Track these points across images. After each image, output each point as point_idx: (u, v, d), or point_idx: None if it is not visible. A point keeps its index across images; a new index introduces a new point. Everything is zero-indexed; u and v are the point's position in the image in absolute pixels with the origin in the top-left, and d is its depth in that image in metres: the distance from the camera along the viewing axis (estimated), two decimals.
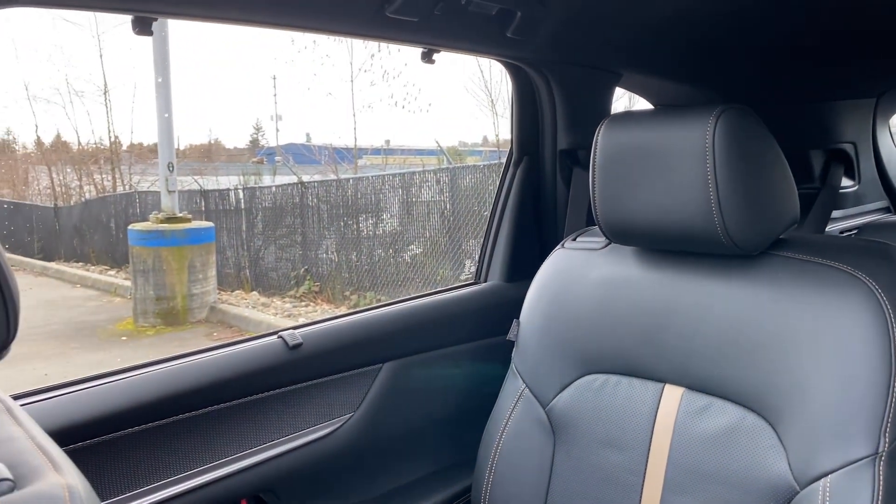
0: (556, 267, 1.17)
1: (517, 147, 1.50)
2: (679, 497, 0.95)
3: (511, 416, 1.15)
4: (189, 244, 6.52)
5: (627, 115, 1.03)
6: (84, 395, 0.96)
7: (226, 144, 20.88)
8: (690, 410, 0.97)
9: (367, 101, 11.97)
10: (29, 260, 10.83)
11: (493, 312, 1.42)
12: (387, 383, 1.27)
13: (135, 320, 6.48)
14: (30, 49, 23.10)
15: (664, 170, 0.95)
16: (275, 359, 1.13)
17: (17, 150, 15.45)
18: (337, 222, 6.97)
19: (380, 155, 11.80)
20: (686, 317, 0.98)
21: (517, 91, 1.47)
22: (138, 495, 0.98)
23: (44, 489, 0.42)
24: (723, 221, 0.90)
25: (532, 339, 1.15)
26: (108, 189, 11.85)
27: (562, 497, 1.07)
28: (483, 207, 5.75)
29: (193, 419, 1.04)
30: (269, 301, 6.99)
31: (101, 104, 14.27)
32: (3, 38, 16.98)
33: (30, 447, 0.49)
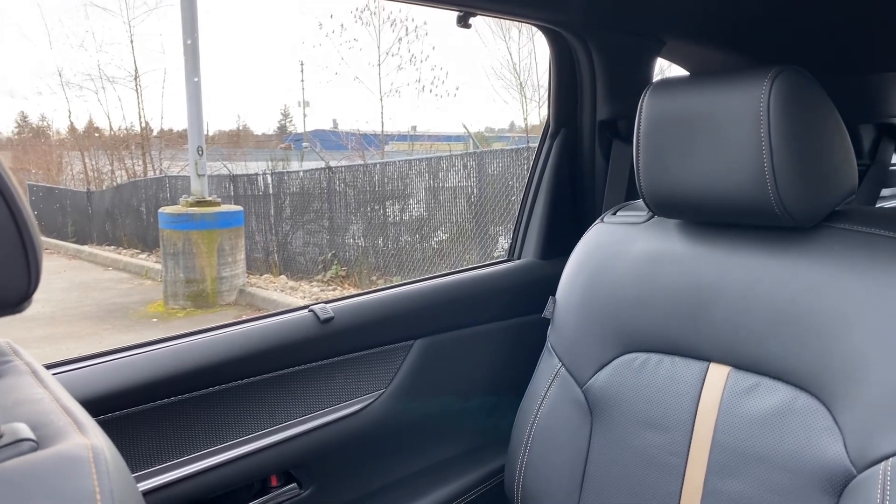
0: (595, 242, 1.13)
1: (554, 118, 1.45)
2: (724, 480, 0.91)
3: (546, 395, 1.11)
4: (218, 228, 6.58)
5: (674, 81, 0.98)
6: (114, 366, 0.95)
7: (254, 130, 21.04)
8: (737, 390, 0.93)
9: (395, 86, 11.93)
10: (63, 243, 11.05)
11: (527, 290, 1.39)
12: (418, 360, 1.24)
13: (165, 302, 6.57)
14: (63, 36, 23.45)
15: (714, 137, 0.90)
16: (306, 333, 1.11)
17: (51, 136, 15.73)
18: (364, 207, 6.97)
19: (406, 141, 11.78)
20: (734, 292, 0.94)
21: (555, 59, 1.42)
22: (167, 468, 0.97)
23: (67, 449, 0.40)
24: (777, 191, 0.85)
25: (569, 317, 1.12)
26: (139, 174, 12.01)
27: (599, 478, 1.04)
28: (510, 192, 5.70)
29: (224, 392, 1.02)
30: (297, 285, 7.03)
31: (132, 90, 14.43)
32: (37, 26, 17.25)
33: (54, 408, 0.47)
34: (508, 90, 14.25)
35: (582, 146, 1.46)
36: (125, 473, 0.41)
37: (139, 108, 14.69)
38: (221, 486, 1.03)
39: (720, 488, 0.91)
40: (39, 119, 17.70)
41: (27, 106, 29.53)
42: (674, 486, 0.96)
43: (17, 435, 0.42)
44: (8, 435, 0.42)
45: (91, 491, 0.36)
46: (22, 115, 20.17)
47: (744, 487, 0.89)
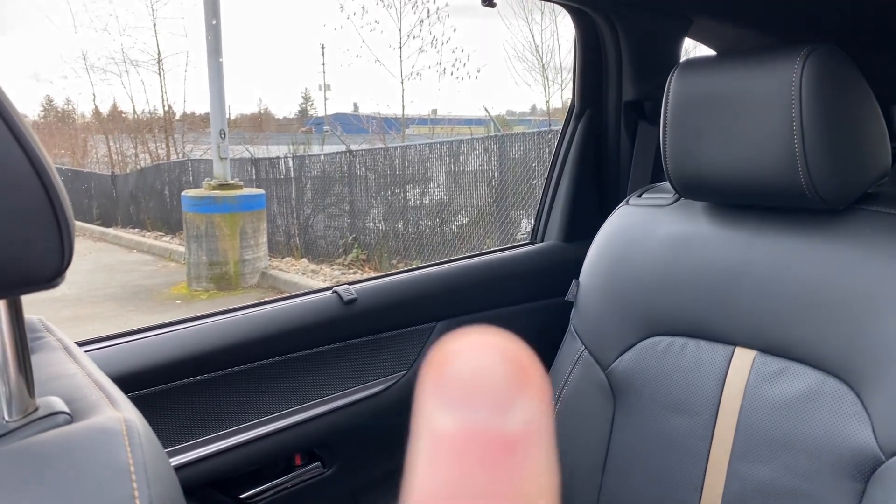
0: (620, 224, 1.12)
1: (579, 99, 1.44)
2: (748, 464, 0.90)
3: (569, 378, 1.11)
4: (241, 211, 6.62)
5: (702, 61, 0.96)
6: (142, 345, 0.96)
7: (275, 114, 21.12)
8: (763, 374, 0.92)
9: (416, 69, 11.88)
10: (88, 225, 11.20)
11: (550, 273, 1.38)
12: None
13: (189, 285, 6.64)
14: (87, 19, 23.64)
15: (743, 117, 0.89)
16: (329, 313, 1.11)
17: (76, 120, 15.90)
18: (384, 191, 6.97)
19: (427, 124, 11.75)
20: (761, 276, 0.93)
21: (581, 39, 1.40)
22: (194, 445, 0.98)
23: (101, 422, 0.40)
24: (808, 172, 0.84)
25: (592, 300, 1.11)
26: (163, 157, 12.11)
27: (622, 461, 1.04)
28: (532, 176, 5.66)
29: (249, 371, 1.04)
30: (319, 268, 7.07)
31: (156, 73, 14.53)
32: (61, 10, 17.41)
33: (87, 383, 0.48)
34: (530, 73, 14.10)
35: (607, 128, 1.45)
36: (157, 447, 0.42)
37: (162, 91, 14.80)
38: (247, 464, 1.04)
39: (744, 472, 0.91)
40: (65, 103, 17.91)
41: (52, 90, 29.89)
42: (697, 469, 0.95)
43: (53, 408, 0.42)
44: (43, 408, 0.42)
45: (125, 463, 0.37)
46: (48, 98, 20.42)
47: (769, 472, 0.89)
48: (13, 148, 0.35)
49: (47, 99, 19.26)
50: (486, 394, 0.11)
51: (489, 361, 0.12)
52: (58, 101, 19.14)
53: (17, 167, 0.35)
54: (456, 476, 0.11)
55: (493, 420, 0.11)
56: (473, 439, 0.11)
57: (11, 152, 0.35)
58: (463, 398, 0.11)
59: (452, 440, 0.11)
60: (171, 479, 0.41)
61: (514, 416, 0.12)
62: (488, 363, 0.12)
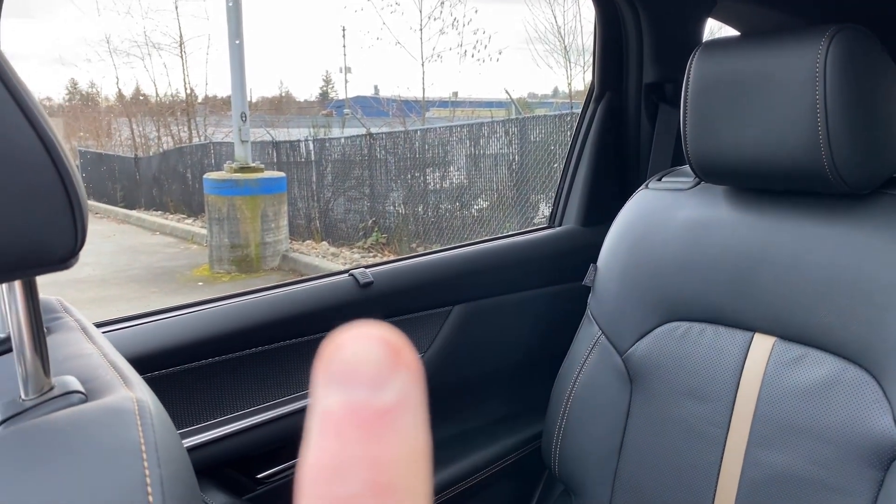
0: (639, 208, 1.10)
1: (599, 81, 1.42)
2: (765, 451, 0.90)
3: (586, 362, 1.11)
4: (262, 194, 6.66)
5: (725, 42, 0.94)
6: (160, 326, 0.97)
7: (296, 97, 21.13)
8: (782, 361, 0.90)
9: (436, 51, 11.80)
10: (112, 207, 11.35)
11: (568, 257, 1.37)
12: (457, 326, 1.24)
13: (210, 267, 6.71)
14: (110, 3, 23.76)
15: (765, 100, 0.87)
16: (346, 296, 1.12)
17: (99, 103, 16.06)
18: (404, 174, 6.96)
19: (447, 107, 11.70)
20: (782, 261, 0.91)
21: (601, 20, 1.38)
22: (211, 426, 0.99)
23: (114, 401, 0.41)
24: (831, 156, 0.82)
25: (610, 285, 1.10)
26: (185, 140, 12.20)
27: (637, 447, 1.03)
28: (553, 160, 5.63)
29: (265, 353, 1.04)
30: (339, 251, 7.10)
31: (178, 56, 14.61)
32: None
33: (102, 363, 0.49)
34: (552, 54, 13.95)
35: (627, 110, 1.43)
36: (169, 427, 0.42)
37: (184, 74, 14.87)
38: (264, 445, 1.05)
39: (762, 459, 0.90)
40: (89, 86, 18.09)
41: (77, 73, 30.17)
42: (714, 456, 0.95)
43: (68, 387, 0.43)
44: (59, 387, 0.43)
45: (136, 442, 0.37)
46: (72, 82, 20.63)
47: (786, 459, 0.88)
48: (26, 130, 0.35)
49: (72, 82, 19.44)
50: (365, 373, 0.13)
51: (368, 347, 0.14)
52: (82, 84, 19.32)
53: (29, 149, 0.35)
54: (340, 443, 0.13)
55: (370, 395, 0.13)
56: (353, 412, 0.13)
57: (24, 135, 0.35)
58: (345, 378, 0.13)
59: (336, 414, 0.13)
60: (183, 459, 0.41)
61: (388, 391, 0.13)
62: (367, 348, 0.14)
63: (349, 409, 0.13)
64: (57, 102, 17.29)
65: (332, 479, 0.13)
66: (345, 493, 0.13)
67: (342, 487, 0.13)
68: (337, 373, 0.14)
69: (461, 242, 1.35)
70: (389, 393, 0.14)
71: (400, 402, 0.14)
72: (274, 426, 1.05)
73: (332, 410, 0.13)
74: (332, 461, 0.13)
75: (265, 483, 1.07)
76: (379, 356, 0.14)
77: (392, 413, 0.13)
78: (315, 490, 0.13)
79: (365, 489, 0.13)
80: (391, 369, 0.14)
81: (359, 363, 0.14)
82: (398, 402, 0.14)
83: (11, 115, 0.35)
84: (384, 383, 0.14)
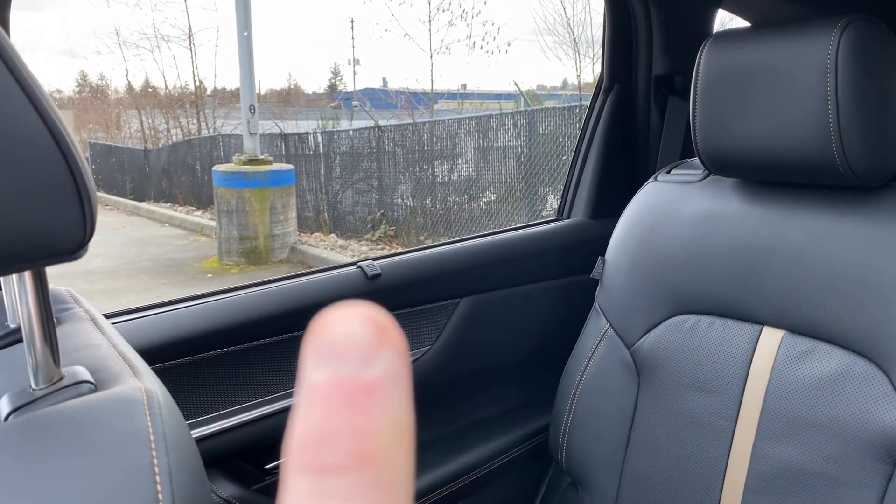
0: (647, 201, 1.10)
1: (608, 74, 1.41)
2: (773, 444, 0.89)
3: (593, 355, 1.11)
4: (270, 186, 6.68)
5: (735, 33, 0.93)
6: (169, 318, 0.98)
7: (305, 89, 21.14)
8: (791, 354, 0.90)
9: (445, 43, 11.75)
10: (122, 199, 11.40)
11: (576, 250, 1.37)
12: (465, 318, 1.24)
13: (219, 259, 6.74)
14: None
15: (776, 92, 0.86)
16: (354, 288, 1.12)
17: (109, 95, 16.11)
18: (412, 167, 6.96)
19: (456, 99, 11.66)
20: (792, 254, 0.91)
21: (611, 11, 1.37)
22: (219, 417, 1.00)
23: (122, 391, 0.41)
24: (842, 148, 0.81)
25: (618, 278, 1.10)
26: (194, 132, 12.23)
27: (645, 440, 1.03)
28: (562, 152, 5.61)
29: (274, 345, 1.05)
30: (347, 244, 7.12)
31: (186, 48, 14.64)
32: None
33: (111, 354, 0.49)
34: (561, 46, 13.87)
35: (636, 102, 1.42)
36: (177, 417, 0.43)
37: (193, 66, 14.91)
38: (271, 435, 1.06)
39: (769, 453, 0.90)
40: (98, 78, 18.15)
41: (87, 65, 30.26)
42: (721, 449, 0.94)
43: (77, 377, 0.43)
44: (69, 377, 0.43)
45: (145, 431, 0.38)
46: (82, 74, 20.71)
47: (794, 452, 0.87)
48: (35, 122, 0.36)
49: (82, 74, 19.53)
50: (352, 350, 0.14)
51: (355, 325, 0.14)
52: (92, 76, 19.39)
53: (39, 141, 0.36)
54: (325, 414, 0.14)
55: (357, 371, 0.14)
56: (339, 386, 0.14)
57: (34, 127, 0.36)
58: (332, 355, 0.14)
59: (323, 388, 0.14)
60: (191, 448, 0.41)
61: (373, 367, 0.14)
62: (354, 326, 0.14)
63: (335, 383, 0.14)
64: (67, 95, 17.36)
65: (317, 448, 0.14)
66: (328, 461, 0.13)
67: (326, 456, 0.13)
68: (324, 349, 0.14)
69: (469, 235, 1.35)
70: (375, 369, 0.14)
71: (385, 379, 0.14)
72: (281, 417, 1.05)
73: (319, 385, 0.14)
74: (317, 431, 0.14)
75: (273, 473, 1.08)
76: (365, 334, 0.14)
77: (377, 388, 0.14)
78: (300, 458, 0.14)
79: (348, 458, 0.13)
80: (377, 347, 0.14)
81: (346, 341, 0.14)
82: (383, 378, 0.14)
83: (21, 107, 0.35)
84: (370, 360, 0.14)
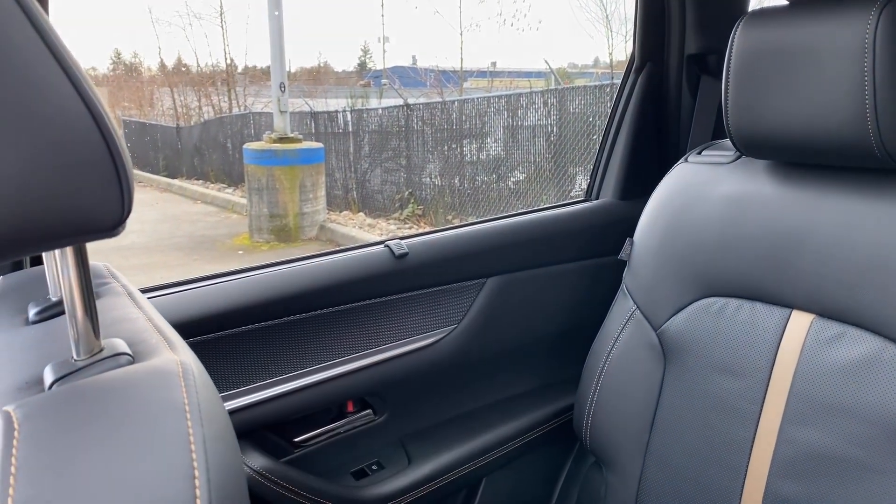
0: (677, 182, 1.09)
1: (639, 52, 1.39)
2: (799, 428, 0.89)
3: (619, 336, 1.11)
4: (300, 164, 6.73)
5: (771, 11, 0.91)
6: (202, 293, 1.00)
7: (334, 67, 21.13)
8: (820, 339, 0.89)
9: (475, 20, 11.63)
10: (155, 176, 11.58)
11: (604, 231, 1.37)
12: (491, 298, 1.25)
13: (250, 236, 6.83)
14: None
15: (811, 72, 0.84)
16: (381, 267, 1.13)
17: (142, 73, 16.29)
18: (441, 146, 6.95)
19: (486, 77, 11.58)
20: (824, 237, 0.89)
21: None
22: (251, 390, 1.03)
23: (159, 364, 0.43)
24: (878, 130, 0.80)
25: (646, 259, 1.10)
26: (225, 110, 12.33)
27: (670, 421, 1.04)
28: (592, 131, 5.55)
29: (304, 321, 1.07)
30: (375, 222, 7.16)
31: (218, 26, 14.73)
32: None
33: (148, 327, 0.51)
34: (594, 23, 13.66)
35: (668, 82, 1.40)
36: (211, 389, 0.44)
37: (224, 44, 14.99)
38: (301, 409, 1.08)
39: (796, 436, 0.89)
40: (132, 56, 18.35)
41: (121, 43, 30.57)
42: (747, 432, 0.94)
43: (116, 349, 0.45)
44: (108, 349, 0.45)
45: (180, 402, 0.39)
46: (116, 52, 20.95)
47: (821, 437, 0.87)
48: (75, 101, 0.37)
49: (115, 52, 19.76)
50: None
51: None
52: (126, 54, 19.62)
53: (79, 120, 0.37)
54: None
55: None
56: None
57: (73, 105, 0.37)
58: None
59: None
60: (225, 420, 0.43)
61: None
62: None
63: None
64: (101, 72, 17.59)
65: None
66: None
67: None
68: None
69: (497, 215, 1.35)
70: None
71: None
72: (311, 392, 1.08)
73: None
74: None
75: (302, 447, 1.10)
76: None
77: None
78: None
79: None
80: None
81: None
82: None
83: (61, 85, 0.36)
84: None
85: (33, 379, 0.44)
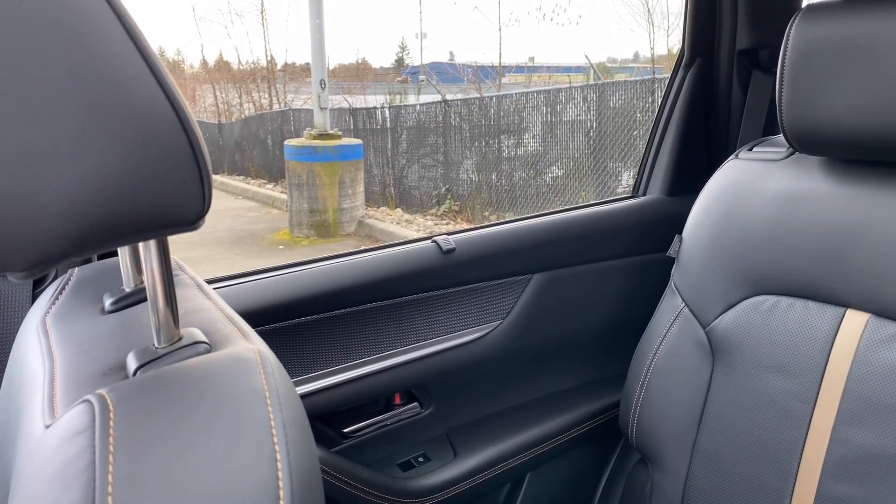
0: (728, 179, 1.08)
1: (689, 47, 1.38)
2: (854, 428, 0.88)
3: (667, 334, 1.10)
4: (339, 160, 6.80)
5: (829, 5, 0.90)
6: (259, 286, 1.03)
7: (373, 64, 21.25)
8: (877, 339, 0.88)
9: (514, 15, 11.59)
10: None
11: (652, 228, 1.36)
12: (536, 294, 1.26)
13: (290, 231, 6.93)
14: None
15: (869, 67, 0.83)
16: (429, 262, 1.15)
17: (185, 70, 16.61)
18: (478, 142, 6.95)
19: (524, 73, 11.52)
20: (880, 235, 0.88)
21: None
22: (302, 381, 1.05)
23: (238, 352, 0.45)
24: None
25: (695, 256, 1.09)
26: (265, 107, 12.51)
27: (718, 420, 1.03)
28: (632, 127, 5.49)
29: (353, 314, 1.09)
30: (412, 218, 7.19)
31: (259, 24, 14.93)
32: None
33: (220, 317, 0.53)
34: (634, 17, 13.50)
35: (718, 77, 1.38)
36: (286, 376, 0.46)
37: (265, 42, 15.19)
38: (350, 401, 1.10)
39: (849, 437, 0.88)
40: (175, 53, 18.72)
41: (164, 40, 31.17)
42: (798, 431, 0.93)
43: (194, 338, 0.47)
44: (187, 337, 0.47)
45: (260, 389, 0.41)
46: (160, 49, 21.38)
47: (877, 438, 0.86)
48: (161, 100, 0.38)
49: (159, 49, 20.18)
50: None
51: None
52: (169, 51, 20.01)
53: (165, 118, 0.39)
54: None
55: None
56: None
57: (160, 104, 0.38)
58: None
59: None
60: (299, 405, 0.45)
61: None
62: None
63: None
64: None
65: None
66: None
67: None
68: None
69: (543, 211, 1.36)
70: None
71: None
72: (359, 384, 1.10)
73: None
74: None
75: (351, 437, 1.12)
76: None
77: None
78: None
79: None
80: None
81: None
82: None
83: (149, 85, 0.38)
84: None
85: (117, 365, 0.47)
